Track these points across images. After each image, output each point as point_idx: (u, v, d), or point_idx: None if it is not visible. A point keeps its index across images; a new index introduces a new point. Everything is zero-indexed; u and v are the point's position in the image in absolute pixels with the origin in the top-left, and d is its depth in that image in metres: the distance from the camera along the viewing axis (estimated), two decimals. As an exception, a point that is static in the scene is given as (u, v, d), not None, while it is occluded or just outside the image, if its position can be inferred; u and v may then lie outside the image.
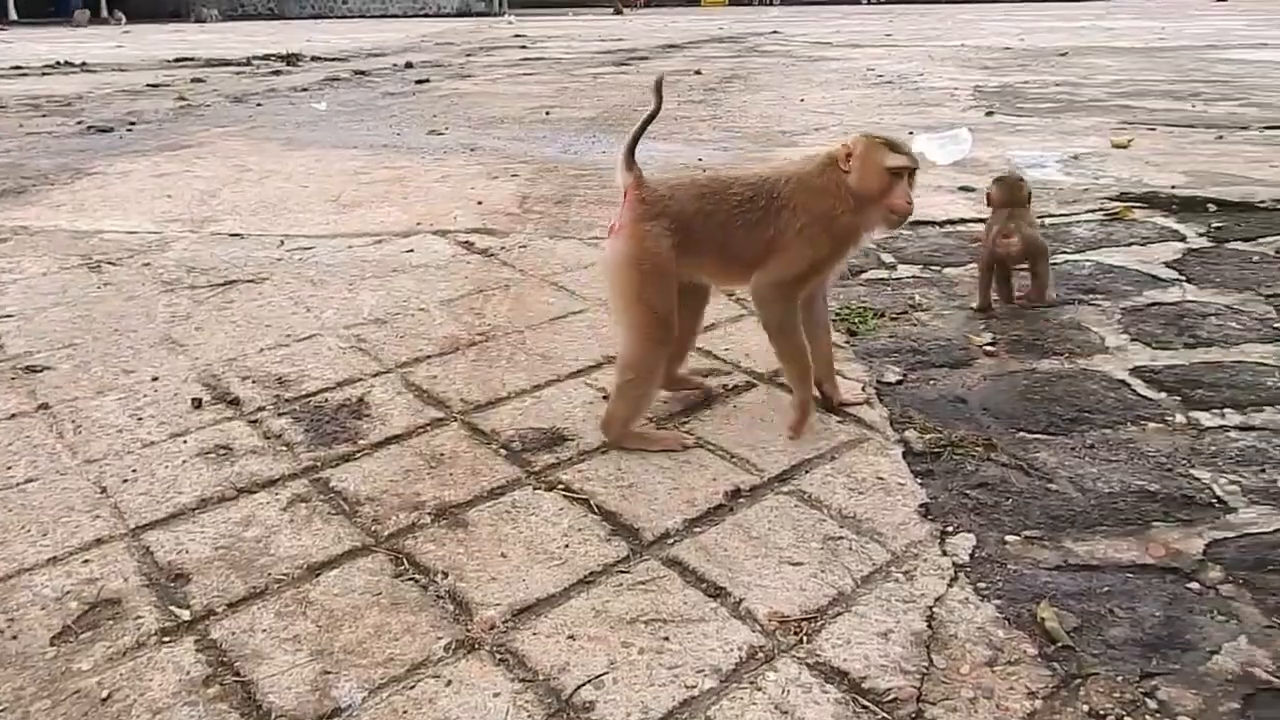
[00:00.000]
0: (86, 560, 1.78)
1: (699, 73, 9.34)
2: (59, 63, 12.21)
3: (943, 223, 3.72)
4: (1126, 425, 2.22)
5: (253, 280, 3.25)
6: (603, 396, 2.38)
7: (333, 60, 12.06)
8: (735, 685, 1.46)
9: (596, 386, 2.44)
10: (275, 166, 5.09)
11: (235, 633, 1.60)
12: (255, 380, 2.51)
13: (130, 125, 6.83)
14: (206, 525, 1.90)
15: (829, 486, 1.98)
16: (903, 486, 1.98)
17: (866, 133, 2.13)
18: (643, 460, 2.10)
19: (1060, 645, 1.53)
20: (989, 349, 2.62)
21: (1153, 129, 5.69)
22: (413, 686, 1.47)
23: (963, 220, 3.76)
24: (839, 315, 2.81)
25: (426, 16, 25.88)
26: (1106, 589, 1.67)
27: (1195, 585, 1.68)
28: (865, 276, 3.21)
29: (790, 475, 2.03)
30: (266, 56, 12.40)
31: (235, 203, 4.31)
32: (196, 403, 2.39)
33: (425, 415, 2.32)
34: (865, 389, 2.40)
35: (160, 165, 5.21)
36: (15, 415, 2.35)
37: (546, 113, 6.97)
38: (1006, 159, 4.79)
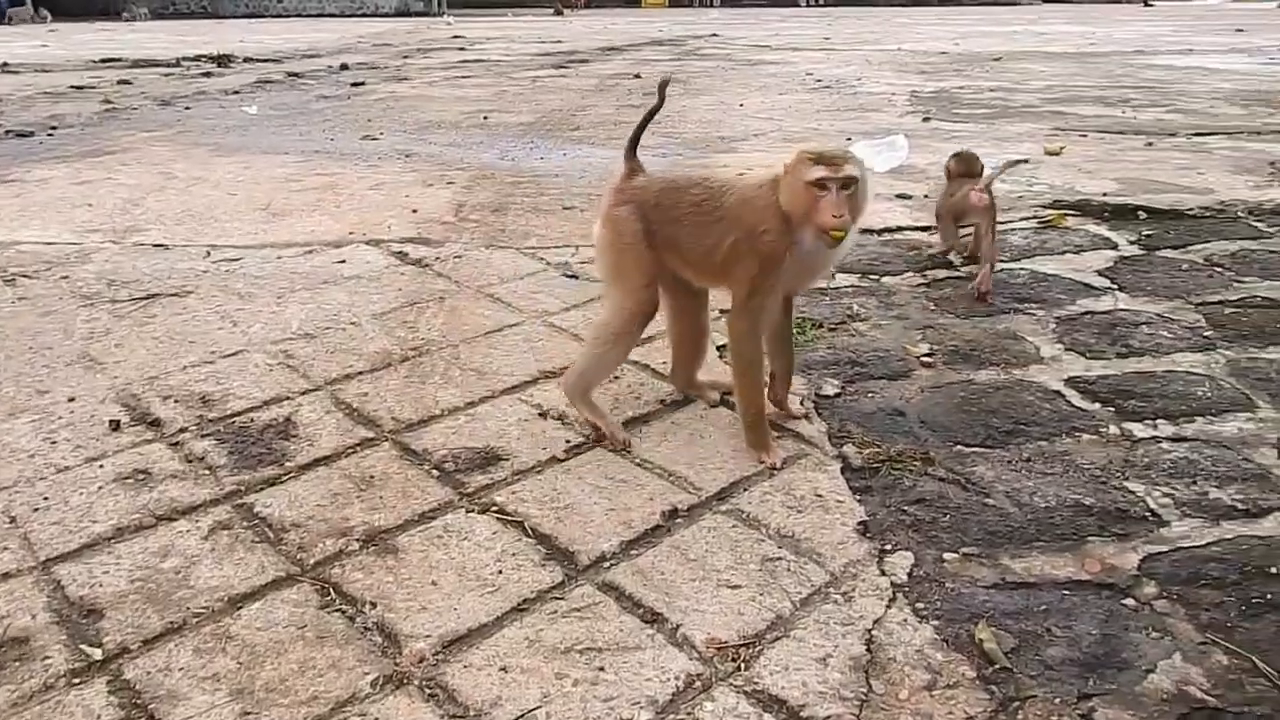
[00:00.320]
0: (-9, 597, 1.69)
1: (638, 76, 9.31)
2: (-22, 63, 11.81)
3: (880, 231, 3.73)
4: (1062, 437, 2.23)
5: (176, 294, 3.14)
6: (538, 414, 2.33)
7: (266, 61, 11.82)
8: (672, 717, 1.43)
9: (532, 403, 2.39)
10: (203, 173, 4.95)
11: (150, 672, 1.52)
12: (177, 400, 2.42)
13: (51, 130, 6.61)
14: (122, 556, 1.81)
15: (767, 505, 1.96)
16: (841, 504, 1.96)
17: (804, 146, 2.09)
18: (579, 480, 2.06)
19: (999, 667, 1.52)
20: (926, 360, 2.62)
21: (1084, 135, 5.79)
22: (337, 728, 1.41)
23: (900, 228, 3.77)
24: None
25: (364, 16, 25.52)
26: (1044, 607, 1.67)
27: (1131, 601, 1.68)
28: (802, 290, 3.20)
29: (728, 493, 2.00)
30: (197, 57, 12.11)
31: (160, 212, 4.17)
32: (115, 424, 2.29)
33: (355, 435, 2.25)
34: (804, 402, 2.38)
35: (82, 172, 5.04)
36: (-81, 440, 2.24)
37: (484, 117, 6.89)
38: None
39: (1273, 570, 1.75)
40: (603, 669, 1.52)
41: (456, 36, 16.84)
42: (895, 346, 2.71)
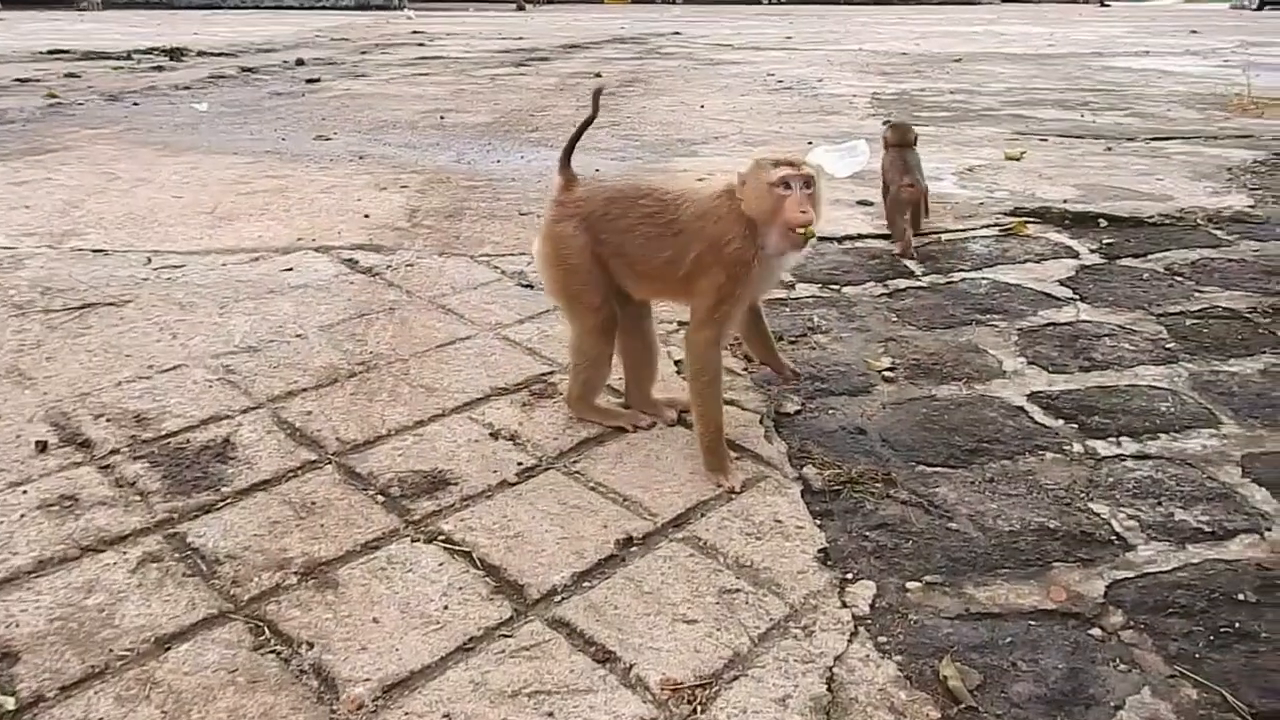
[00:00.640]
0: (-103, 642, 1.58)
1: (599, 75, 9.21)
2: (-81, 55, 11.46)
3: (841, 239, 3.67)
4: (1025, 456, 2.19)
5: (114, 303, 3.01)
6: (490, 434, 2.25)
7: (220, 55, 11.57)
8: (624, 768, 1.36)
9: (484, 422, 2.30)
10: (147, 174, 4.79)
11: (67, 724, 1.43)
12: (110, 419, 2.31)
13: (-8, 125, 6.40)
14: (43, 592, 1.71)
15: (725, 532, 1.89)
16: (801, 530, 1.90)
17: (759, 152, 2.06)
18: (530, 506, 1.98)
19: (964, 706, 1.47)
20: (888, 374, 2.57)
21: (1044, 140, 5.78)
22: (266, 786, 1.33)
23: (861, 235, 3.72)
24: (736, 339, 2.72)
25: (324, 9, 25.10)
26: (1009, 639, 1.62)
27: (1097, 631, 1.64)
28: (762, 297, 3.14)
29: (685, 519, 1.93)
30: (150, 50, 11.83)
31: (100, 214, 4.02)
32: (41, 445, 2.17)
33: (297, 457, 2.16)
34: (764, 420, 2.32)
35: (20, 171, 4.86)
36: None
37: (441, 117, 6.76)
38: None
39: (1240, 597, 1.71)
40: (551, 715, 1.44)
41: (416, 32, 16.63)
42: (856, 360, 2.66)
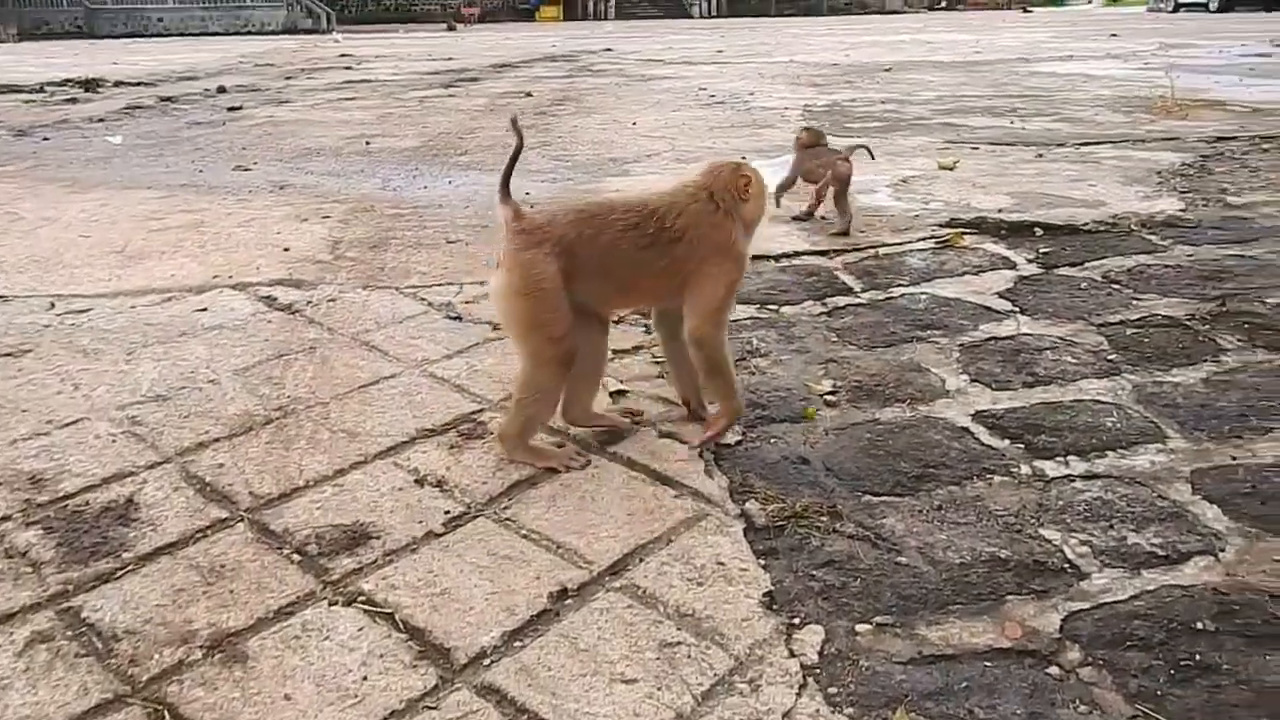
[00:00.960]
0: None
1: (530, 94, 9.13)
2: None
3: (778, 256, 3.61)
4: (973, 480, 2.11)
5: (11, 353, 2.83)
6: (415, 481, 2.13)
7: (138, 85, 11.27)
8: None
9: (408, 468, 2.18)
10: (53, 213, 4.57)
11: (-64, 841, 1.28)
12: (1, 481, 2.14)
13: (-109, 165, 6.12)
14: (-83, 685, 1.55)
15: (665, 578, 1.79)
16: (745, 572, 1.80)
17: (737, 160, 2.21)
18: (458, 558, 1.85)
19: (921, 762, 1.38)
20: (830, 398, 2.50)
21: (976, 148, 5.80)
22: None
23: (797, 253, 3.66)
24: (667, 370, 2.63)
25: (250, 34, 24.74)
26: (965, 684, 1.53)
27: (1055, 670, 1.56)
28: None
29: (623, 566, 1.83)
30: (64, 81, 11.50)
31: (0, 258, 3.82)
32: (-76, 516, 2.01)
33: (206, 515, 2.01)
34: (703, 454, 2.22)
35: (-81, 213, 4.62)
36: None
37: (367, 142, 6.60)
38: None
39: (1199, 626, 1.65)
40: (479, 798, 1.33)
41: (344, 55, 16.40)
42: (797, 384, 2.58)
